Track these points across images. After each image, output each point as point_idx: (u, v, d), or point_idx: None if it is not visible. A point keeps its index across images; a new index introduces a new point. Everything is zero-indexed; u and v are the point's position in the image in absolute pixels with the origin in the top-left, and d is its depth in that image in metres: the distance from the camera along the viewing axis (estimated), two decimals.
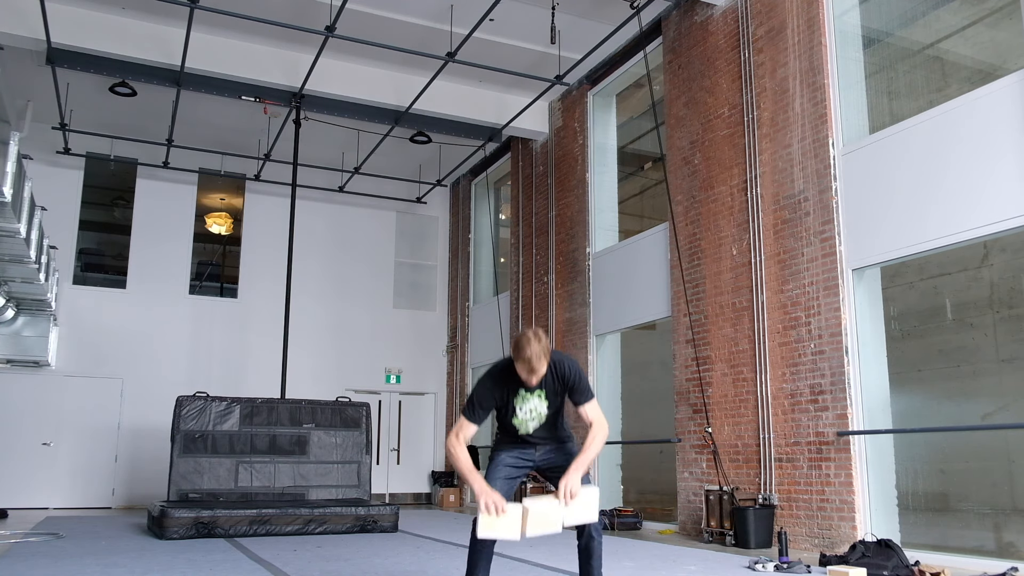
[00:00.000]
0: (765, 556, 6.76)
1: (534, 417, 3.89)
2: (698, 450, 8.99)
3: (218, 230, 16.01)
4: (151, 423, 13.20)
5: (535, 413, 3.88)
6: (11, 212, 7.52)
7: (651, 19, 10.36)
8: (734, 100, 8.97)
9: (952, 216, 6.68)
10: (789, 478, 7.72)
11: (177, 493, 9.66)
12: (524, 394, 3.86)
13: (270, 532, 8.73)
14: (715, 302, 8.96)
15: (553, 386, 3.86)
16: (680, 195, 9.73)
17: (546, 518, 3.58)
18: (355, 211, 15.87)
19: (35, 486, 12.90)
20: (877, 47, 8.29)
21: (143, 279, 14.16)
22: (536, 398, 3.87)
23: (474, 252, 15.74)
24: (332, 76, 11.63)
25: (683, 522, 9.11)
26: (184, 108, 12.25)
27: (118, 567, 6.10)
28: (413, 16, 10.45)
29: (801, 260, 7.85)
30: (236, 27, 10.64)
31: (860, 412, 7.22)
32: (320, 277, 15.23)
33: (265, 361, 13.91)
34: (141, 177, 14.39)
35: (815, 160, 7.82)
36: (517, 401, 3.88)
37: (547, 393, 3.88)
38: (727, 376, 8.66)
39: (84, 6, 10.29)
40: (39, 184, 10.89)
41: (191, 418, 9.98)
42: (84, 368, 13.50)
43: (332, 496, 10.31)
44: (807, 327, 7.70)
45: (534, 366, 3.64)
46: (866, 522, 7.02)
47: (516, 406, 3.88)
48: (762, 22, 8.64)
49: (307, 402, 10.76)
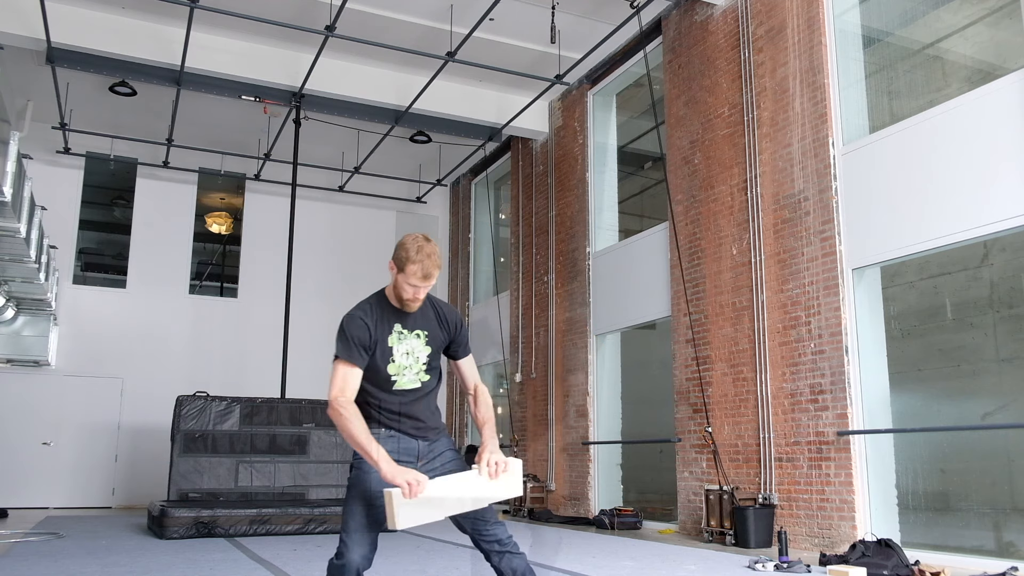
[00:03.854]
0: (765, 556, 6.75)
1: (411, 364, 3.14)
2: (698, 450, 8.99)
3: (218, 230, 16.01)
4: (151, 423, 13.20)
5: (412, 359, 3.14)
6: (11, 212, 7.53)
7: (651, 19, 10.36)
8: (734, 100, 8.97)
9: (952, 216, 6.68)
10: (789, 478, 7.72)
11: (177, 493, 9.66)
12: (401, 331, 3.13)
13: (270, 532, 8.73)
14: (715, 302, 8.96)
15: (438, 326, 3.20)
16: (680, 195, 9.73)
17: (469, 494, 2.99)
18: (355, 211, 15.88)
19: (35, 486, 12.90)
20: (877, 47, 8.29)
21: (143, 279, 14.16)
22: (414, 338, 3.15)
23: (474, 252, 15.73)
24: (332, 76, 11.63)
25: (683, 522, 9.11)
26: (184, 108, 12.25)
27: (118, 567, 6.10)
28: (413, 16, 10.45)
29: (801, 260, 7.85)
30: (236, 27, 10.64)
31: (860, 412, 7.22)
32: (320, 277, 15.23)
33: (265, 361, 13.91)
34: (141, 177, 14.39)
35: (815, 160, 7.82)
36: (392, 339, 3.10)
37: (429, 336, 3.18)
38: (727, 376, 8.66)
39: (84, 6, 10.28)
40: (39, 184, 10.89)
41: (191, 418, 9.98)
42: (84, 368, 13.51)
43: (332, 496, 10.30)
44: (807, 327, 7.70)
45: (430, 271, 3.00)
46: (866, 522, 7.02)
47: (391, 346, 3.10)
48: (762, 22, 8.64)
49: (307, 401, 10.76)
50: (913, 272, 8.50)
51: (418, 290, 3.05)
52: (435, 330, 3.20)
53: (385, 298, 3.16)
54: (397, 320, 3.13)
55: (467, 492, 2.99)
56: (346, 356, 3.02)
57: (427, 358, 3.18)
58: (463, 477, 3.02)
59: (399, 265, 3.04)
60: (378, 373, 3.11)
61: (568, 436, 11.48)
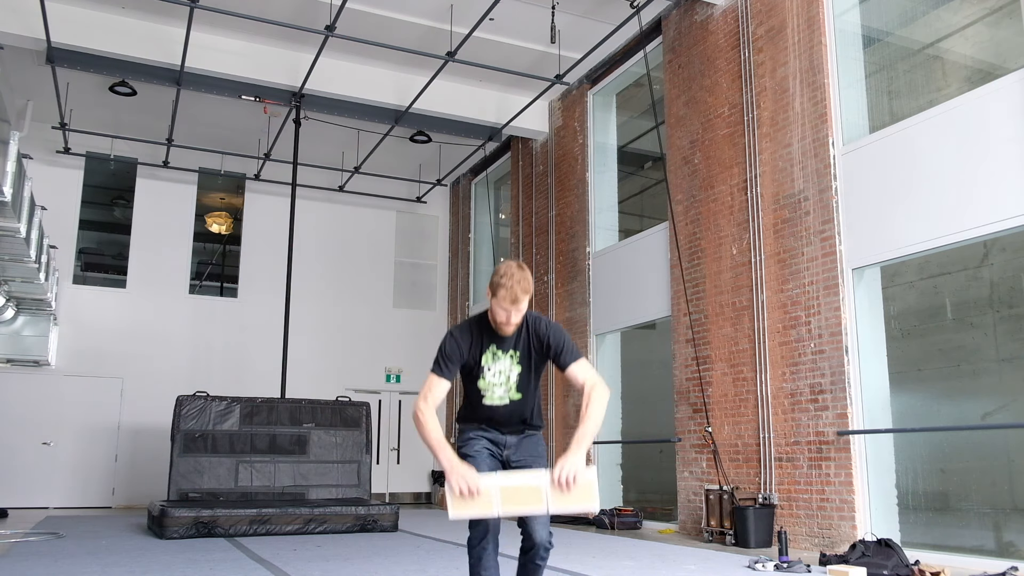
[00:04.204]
0: (765, 555, 6.75)
1: (502, 382, 3.39)
2: (698, 449, 8.99)
3: (218, 230, 16.01)
4: (151, 423, 13.20)
5: (503, 377, 3.39)
6: (11, 212, 7.52)
7: (651, 18, 10.36)
8: (734, 99, 8.97)
9: (952, 216, 6.68)
10: (789, 477, 7.72)
11: (177, 493, 9.66)
12: (496, 351, 3.38)
13: (270, 532, 8.73)
14: (715, 301, 8.96)
15: (528, 346, 3.40)
16: (680, 194, 9.73)
17: (529, 500, 3.09)
18: (355, 211, 15.87)
19: (35, 486, 12.90)
20: (877, 46, 8.29)
21: (143, 279, 14.16)
22: (508, 359, 3.39)
23: (474, 252, 15.73)
24: (332, 75, 11.63)
25: (683, 521, 9.11)
26: (184, 107, 12.25)
27: (118, 567, 6.10)
28: (413, 16, 10.45)
29: (801, 259, 7.85)
30: (236, 27, 10.64)
31: (860, 411, 7.22)
32: (320, 276, 15.23)
33: (265, 361, 13.91)
34: (141, 176, 14.39)
35: (815, 159, 7.82)
36: (486, 359, 3.38)
37: (520, 356, 3.40)
38: (727, 375, 8.66)
39: (84, 5, 10.28)
40: (39, 184, 10.88)
41: (191, 417, 9.97)
42: (84, 368, 13.51)
43: (332, 496, 10.31)
44: (807, 326, 7.70)
45: (517, 296, 3.20)
46: (866, 521, 7.02)
47: (484, 365, 3.38)
48: (762, 21, 8.64)
49: (307, 401, 10.76)
50: (913, 272, 8.50)
51: (509, 314, 3.26)
52: (526, 350, 3.41)
53: (486, 319, 3.41)
54: (493, 341, 3.39)
55: (530, 496, 3.09)
56: (435, 369, 3.34)
57: (517, 377, 3.41)
58: (528, 477, 3.16)
59: (492, 290, 3.27)
60: (472, 385, 3.43)
61: (568, 436, 11.46)
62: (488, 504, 3.07)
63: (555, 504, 3.08)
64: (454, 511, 3.09)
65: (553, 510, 3.10)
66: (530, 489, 3.10)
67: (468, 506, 3.07)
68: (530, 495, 3.09)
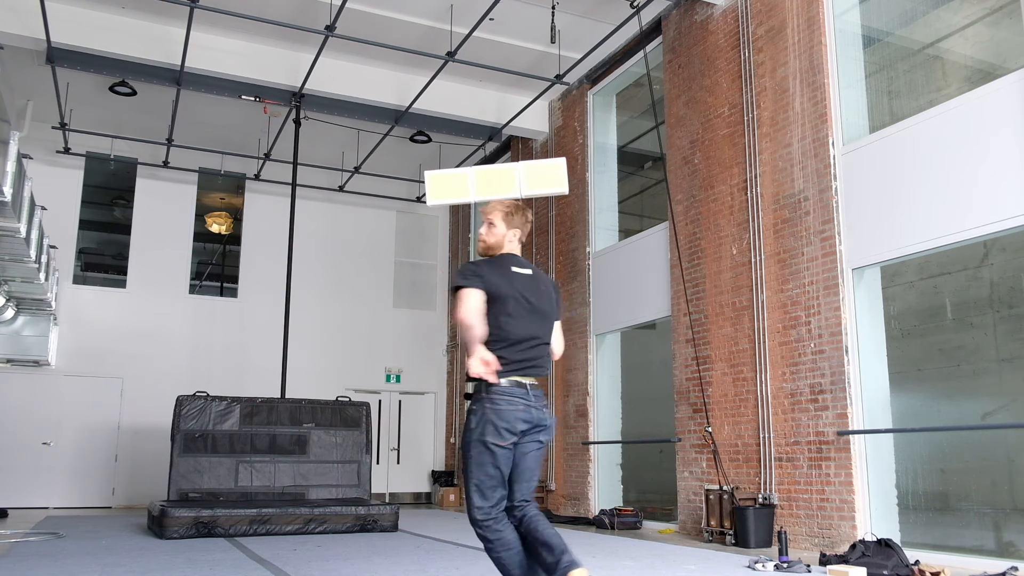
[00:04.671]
0: (765, 555, 6.75)
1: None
2: (698, 449, 8.99)
3: (218, 230, 16.01)
4: (151, 423, 13.20)
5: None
6: (11, 212, 7.52)
7: (651, 18, 10.36)
8: (734, 99, 8.97)
9: (952, 216, 6.68)
10: (789, 477, 7.72)
11: (177, 493, 9.66)
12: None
13: (270, 532, 8.73)
14: (715, 301, 8.96)
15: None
16: (680, 194, 9.73)
17: (504, 184, 3.15)
18: (355, 210, 15.88)
19: (35, 486, 12.90)
20: (877, 46, 8.29)
21: (143, 279, 14.16)
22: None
23: (474, 252, 15.73)
24: (332, 76, 11.64)
25: (683, 521, 9.11)
26: (184, 107, 12.25)
27: (118, 567, 6.09)
28: (413, 16, 10.45)
29: (801, 259, 7.85)
30: (236, 27, 10.64)
31: (860, 411, 7.22)
32: (320, 276, 15.23)
33: (265, 361, 13.91)
34: (141, 176, 14.39)
35: (815, 159, 7.82)
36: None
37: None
38: (727, 376, 8.66)
39: (84, 5, 10.29)
40: (39, 184, 10.88)
41: (191, 417, 9.97)
42: (84, 368, 13.51)
43: (332, 495, 10.31)
44: (807, 326, 7.70)
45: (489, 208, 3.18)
46: (866, 521, 7.02)
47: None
48: (762, 21, 8.64)
49: (307, 401, 10.76)
50: (913, 272, 8.50)
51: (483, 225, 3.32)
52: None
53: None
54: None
55: (504, 180, 3.13)
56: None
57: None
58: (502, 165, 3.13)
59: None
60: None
61: (568, 436, 11.48)
62: (464, 189, 3.14)
63: (527, 186, 3.16)
64: (432, 197, 3.18)
65: (525, 193, 3.18)
66: (504, 172, 3.14)
67: (445, 191, 3.15)
68: (504, 179, 3.14)
